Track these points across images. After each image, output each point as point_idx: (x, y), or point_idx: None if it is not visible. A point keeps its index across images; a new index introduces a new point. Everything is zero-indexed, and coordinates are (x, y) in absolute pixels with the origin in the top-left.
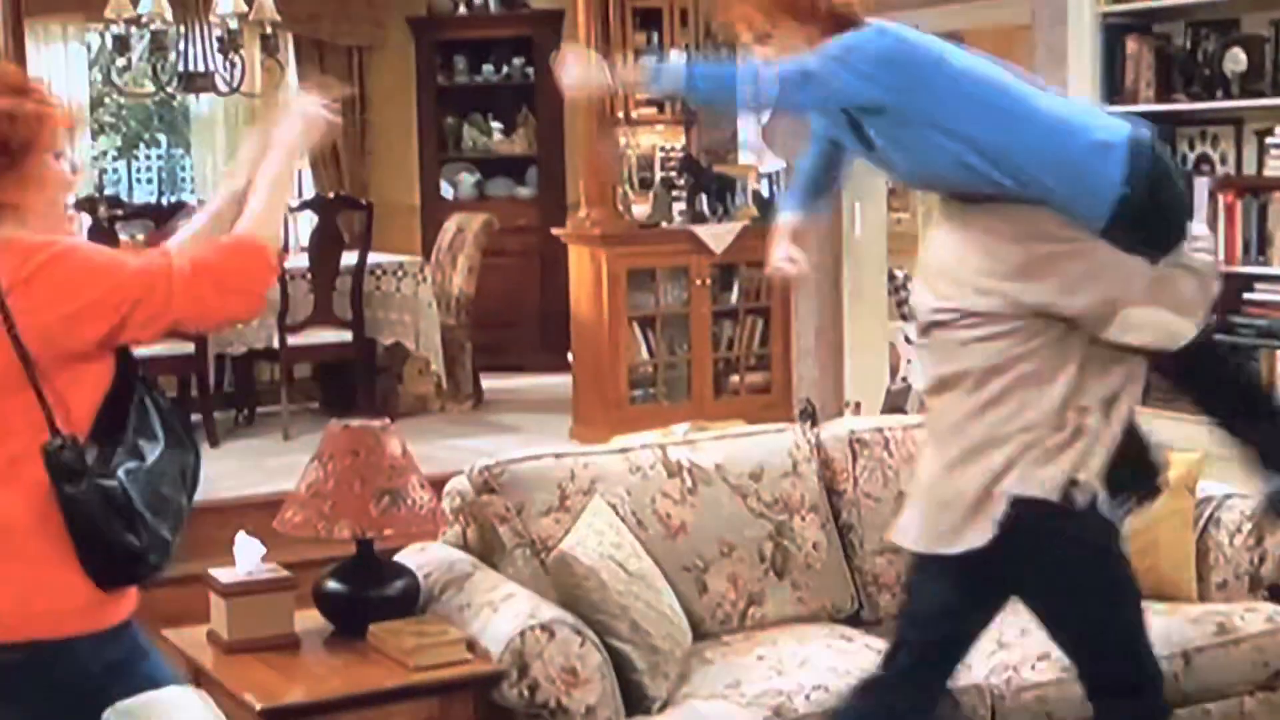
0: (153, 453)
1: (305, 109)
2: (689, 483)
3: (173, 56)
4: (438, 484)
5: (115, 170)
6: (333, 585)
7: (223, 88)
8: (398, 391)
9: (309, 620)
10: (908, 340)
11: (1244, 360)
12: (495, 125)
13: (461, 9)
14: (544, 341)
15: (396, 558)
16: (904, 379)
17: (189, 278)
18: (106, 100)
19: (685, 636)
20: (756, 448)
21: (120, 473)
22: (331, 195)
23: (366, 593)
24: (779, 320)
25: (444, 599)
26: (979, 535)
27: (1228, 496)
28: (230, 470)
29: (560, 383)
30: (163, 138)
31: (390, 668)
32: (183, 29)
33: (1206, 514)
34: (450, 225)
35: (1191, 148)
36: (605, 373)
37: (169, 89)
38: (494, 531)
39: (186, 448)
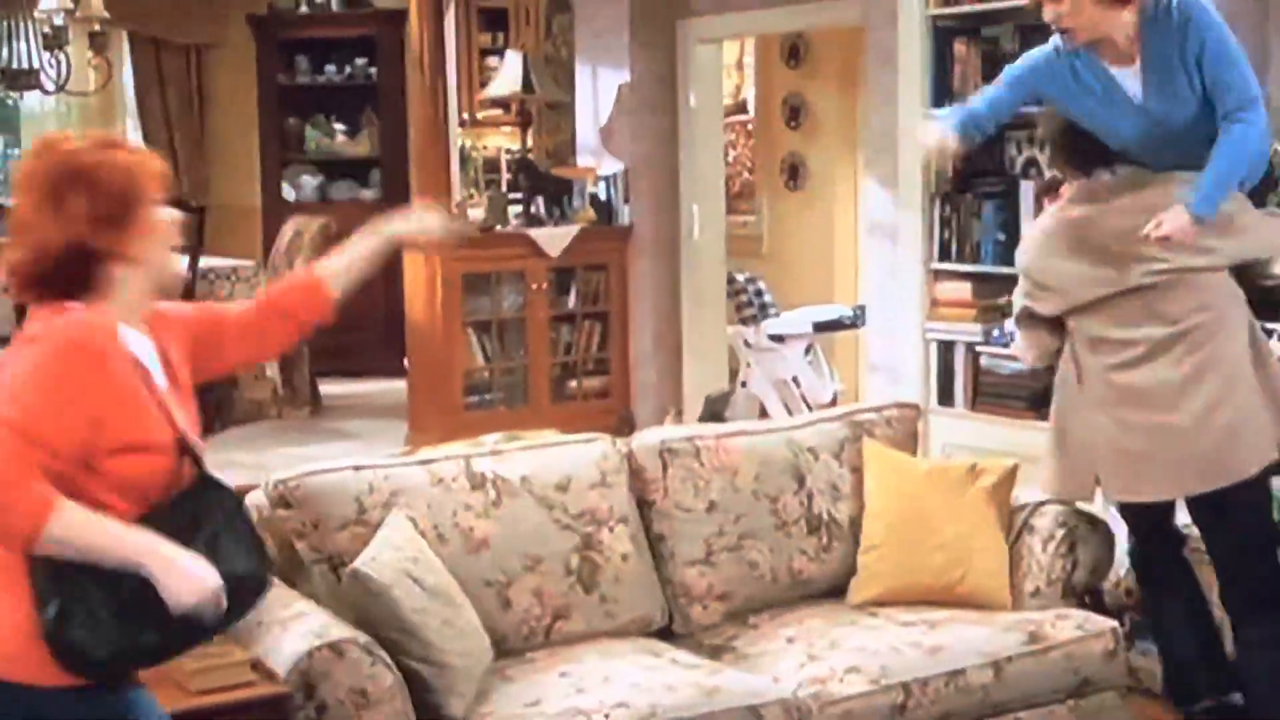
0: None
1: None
2: (493, 495)
3: None
4: None
5: None
6: None
7: (49, 86)
8: (233, 397)
9: None
10: (746, 344)
11: None
12: (338, 126)
13: (303, 7)
14: (387, 346)
15: None
16: (744, 383)
17: None
18: None
19: (485, 654)
20: (564, 459)
21: None
22: None
23: None
24: (617, 324)
25: None
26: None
27: (1041, 503)
28: None
29: (402, 387)
30: None
31: (170, 691)
32: (6, 25)
33: (1020, 521)
34: (288, 229)
35: (1019, 150)
36: (440, 379)
37: None
38: (291, 547)
39: None
